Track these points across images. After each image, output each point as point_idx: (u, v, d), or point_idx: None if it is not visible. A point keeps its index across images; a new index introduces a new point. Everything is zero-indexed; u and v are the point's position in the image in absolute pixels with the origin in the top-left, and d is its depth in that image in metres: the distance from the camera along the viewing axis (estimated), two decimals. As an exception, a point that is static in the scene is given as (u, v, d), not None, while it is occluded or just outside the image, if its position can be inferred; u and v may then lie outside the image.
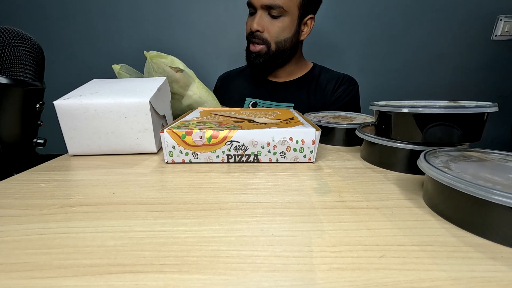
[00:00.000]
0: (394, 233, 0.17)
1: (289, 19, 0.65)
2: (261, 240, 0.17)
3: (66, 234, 0.17)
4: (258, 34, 0.66)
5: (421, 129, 0.26)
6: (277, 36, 0.66)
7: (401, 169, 0.29)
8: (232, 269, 0.14)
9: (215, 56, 1.09)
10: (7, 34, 0.36)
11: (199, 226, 0.18)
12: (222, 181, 0.25)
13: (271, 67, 0.71)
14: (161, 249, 0.16)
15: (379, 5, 1.04)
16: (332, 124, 0.39)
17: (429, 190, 0.21)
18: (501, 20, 1.06)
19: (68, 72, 1.12)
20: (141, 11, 1.05)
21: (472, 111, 0.24)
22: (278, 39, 0.66)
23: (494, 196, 0.15)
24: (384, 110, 0.29)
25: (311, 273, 0.14)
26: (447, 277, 0.13)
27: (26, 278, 0.13)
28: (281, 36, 0.66)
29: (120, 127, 0.32)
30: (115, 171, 0.28)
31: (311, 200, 0.22)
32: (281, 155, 0.30)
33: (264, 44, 0.67)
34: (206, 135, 0.29)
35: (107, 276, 0.13)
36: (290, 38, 0.67)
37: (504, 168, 0.20)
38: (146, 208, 0.20)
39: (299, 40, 0.70)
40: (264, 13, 0.65)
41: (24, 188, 0.24)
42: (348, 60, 1.06)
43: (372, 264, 0.14)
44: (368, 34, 1.07)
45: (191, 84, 0.54)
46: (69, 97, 0.32)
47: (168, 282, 0.13)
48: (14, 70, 0.37)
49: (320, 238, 0.17)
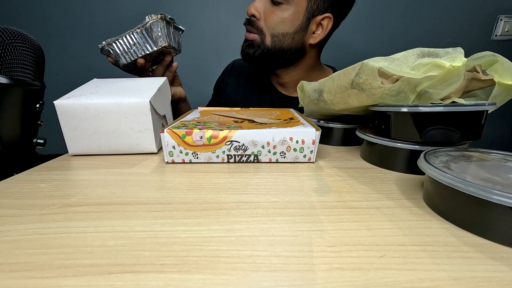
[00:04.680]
0: (394, 233, 0.17)
1: (293, 10, 0.54)
2: (261, 240, 0.17)
3: (66, 234, 0.17)
4: (254, 20, 0.56)
5: (421, 128, 0.26)
6: (273, 26, 0.55)
7: (401, 169, 0.29)
8: (232, 269, 0.14)
9: (215, 56, 1.09)
10: (7, 34, 0.37)
11: (199, 226, 0.18)
12: (222, 181, 0.25)
13: (268, 65, 0.61)
14: (161, 249, 0.16)
15: (379, 5, 1.04)
16: (332, 124, 0.39)
17: (429, 190, 0.21)
18: (501, 20, 1.06)
19: (68, 72, 1.12)
20: (142, 10, 1.05)
21: (471, 109, 0.24)
22: (275, 31, 0.56)
23: (494, 196, 0.15)
24: (384, 110, 0.29)
25: (311, 273, 0.14)
26: (447, 277, 0.13)
27: (26, 278, 0.13)
28: (278, 28, 0.55)
29: (120, 127, 0.32)
30: (115, 171, 0.28)
31: (311, 200, 0.22)
32: (281, 155, 0.30)
33: (258, 34, 0.57)
34: (206, 135, 0.29)
35: (107, 276, 0.13)
36: (291, 35, 0.56)
37: (504, 168, 0.20)
38: (146, 208, 0.20)
39: (306, 42, 0.58)
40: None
41: (24, 188, 0.24)
42: (348, 60, 1.06)
43: (372, 264, 0.14)
44: (368, 34, 1.07)
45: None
46: (69, 97, 0.32)
47: (168, 282, 0.13)
48: (14, 70, 0.37)
49: (320, 238, 0.17)
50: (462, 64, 0.24)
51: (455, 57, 0.24)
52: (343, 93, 0.30)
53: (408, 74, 0.25)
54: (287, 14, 0.54)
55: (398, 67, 0.26)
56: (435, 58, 0.25)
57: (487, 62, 0.29)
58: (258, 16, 0.56)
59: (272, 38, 0.56)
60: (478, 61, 0.29)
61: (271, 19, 0.55)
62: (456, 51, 0.25)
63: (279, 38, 0.56)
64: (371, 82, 0.26)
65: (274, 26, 0.55)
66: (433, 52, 0.26)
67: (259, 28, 0.56)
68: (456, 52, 0.25)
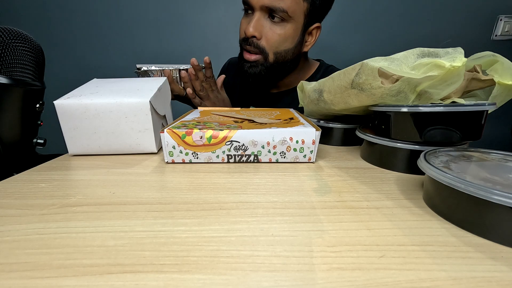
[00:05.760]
0: (394, 233, 0.17)
1: (293, 27, 0.54)
2: (261, 240, 0.17)
3: (66, 234, 0.17)
4: (254, 41, 0.55)
5: (421, 128, 0.26)
6: (277, 46, 0.55)
7: (401, 169, 0.29)
8: (232, 269, 0.14)
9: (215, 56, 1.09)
10: (7, 34, 0.37)
11: (199, 226, 0.18)
12: (222, 181, 0.25)
13: (269, 80, 0.61)
14: (161, 249, 0.16)
15: (379, 5, 1.04)
16: (332, 124, 0.39)
17: (429, 190, 0.21)
18: (501, 20, 1.06)
19: (68, 72, 1.12)
20: (142, 10, 1.05)
21: (471, 109, 0.24)
22: (278, 50, 0.56)
23: (494, 196, 0.15)
24: (384, 110, 0.29)
25: (311, 273, 0.14)
26: (447, 277, 0.13)
27: (26, 278, 0.13)
28: (281, 46, 0.55)
29: (120, 127, 0.32)
30: (115, 171, 0.28)
31: (311, 200, 0.22)
32: (281, 155, 0.30)
33: (260, 54, 0.56)
34: (206, 135, 0.29)
35: (107, 276, 0.13)
36: (291, 50, 0.57)
37: (504, 168, 0.20)
38: (146, 208, 0.20)
39: (301, 51, 0.60)
40: (263, 16, 0.53)
41: (24, 188, 0.24)
42: (348, 60, 1.06)
43: (372, 264, 0.14)
44: (368, 34, 1.07)
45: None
46: (69, 97, 0.32)
47: (168, 282, 0.13)
48: (14, 70, 0.37)
49: (320, 238, 0.17)
50: (462, 64, 0.24)
51: (455, 57, 0.24)
52: (343, 93, 0.30)
53: (408, 74, 0.25)
54: (288, 32, 0.54)
55: (398, 67, 0.26)
56: (435, 58, 0.25)
57: (487, 62, 0.29)
58: (259, 36, 0.54)
59: (275, 55, 0.56)
60: (478, 61, 0.29)
61: (273, 38, 0.54)
62: (456, 51, 0.25)
63: (282, 54, 0.57)
64: (371, 82, 0.26)
65: (277, 45, 0.55)
66: (433, 52, 0.26)
67: (261, 48, 0.55)
68: (456, 52, 0.25)
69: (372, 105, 0.30)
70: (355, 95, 0.29)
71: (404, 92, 0.27)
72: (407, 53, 0.27)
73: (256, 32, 0.53)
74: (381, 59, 0.27)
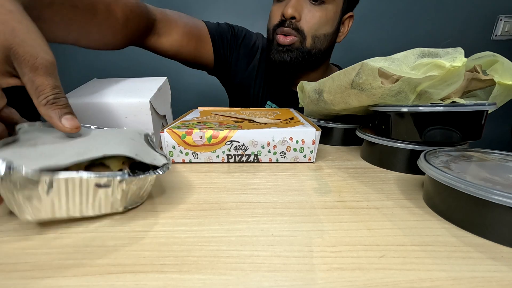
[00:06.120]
0: (394, 233, 0.17)
1: (333, 10, 0.51)
2: (261, 240, 0.17)
3: (66, 234, 0.17)
4: (293, 22, 0.51)
5: (421, 128, 0.26)
6: (316, 28, 0.51)
7: (401, 169, 0.29)
8: (232, 269, 0.14)
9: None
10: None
11: (199, 226, 0.18)
12: (222, 181, 0.25)
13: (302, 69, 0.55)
14: (161, 249, 0.16)
15: (379, 5, 1.04)
16: (332, 124, 0.39)
17: (429, 190, 0.21)
18: (501, 20, 1.06)
19: (68, 72, 1.12)
20: (141, 11, 1.05)
21: (471, 109, 0.24)
22: (317, 33, 0.51)
23: (494, 196, 0.15)
24: (384, 110, 0.29)
25: (311, 273, 0.14)
26: (447, 277, 0.13)
27: (26, 278, 0.13)
28: (321, 29, 0.51)
29: (120, 127, 0.32)
30: (115, 171, 0.28)
31: (311, 200, 0.22)
32: (281, 155, 0.30)
33: (297, 36, 0.51)
34: (206, 135, 0.29)
35: (107, 276, 0.13)
36: (329, 35, 0.53)
37: (504, 168, 0.20)
38: (146, 208, 0.20)
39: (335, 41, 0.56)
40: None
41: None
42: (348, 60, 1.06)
43: (372, 264, 0.14)
44: (368, 34, 1.07)
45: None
46: (69, 97, 0.32)
47: (168, 282, 0.13)
48: (14, 70, 0.36)
49: (320, 238, 0.17)
50: (462, 64, 0.24)
51: (455, 57, 0.24)
52: (343, 93, 0.30)
53: (408, 74, 0.25)
54: (329, 14, 0.51)
55: (398, 67, 0.26)
56: (435, 58, 0.25)
57: (487, 62, 0.29)
58: (298, 18, 0.50)
59: (313, 40, 0.52)
60: (478, 61, 0.29)
61: (313, 20, 0.51)
62: (456, 51, 0.25)
63: (320, 39, 0.53)
64: (371, 82, 0.26)
65: (317, 28, 0.51)
66: (433, 52, 0.26)
67: (300, 30, 0.51)
68: (456, 52, 0.25)
69: (372, 105, 0.30)
70: (355, 95, 0.29)
71: (404, 92, 0.27)
72: (407, 53, 0.27)
73: (296, 13, 0.49)
74: (381, 59, 0.27)
